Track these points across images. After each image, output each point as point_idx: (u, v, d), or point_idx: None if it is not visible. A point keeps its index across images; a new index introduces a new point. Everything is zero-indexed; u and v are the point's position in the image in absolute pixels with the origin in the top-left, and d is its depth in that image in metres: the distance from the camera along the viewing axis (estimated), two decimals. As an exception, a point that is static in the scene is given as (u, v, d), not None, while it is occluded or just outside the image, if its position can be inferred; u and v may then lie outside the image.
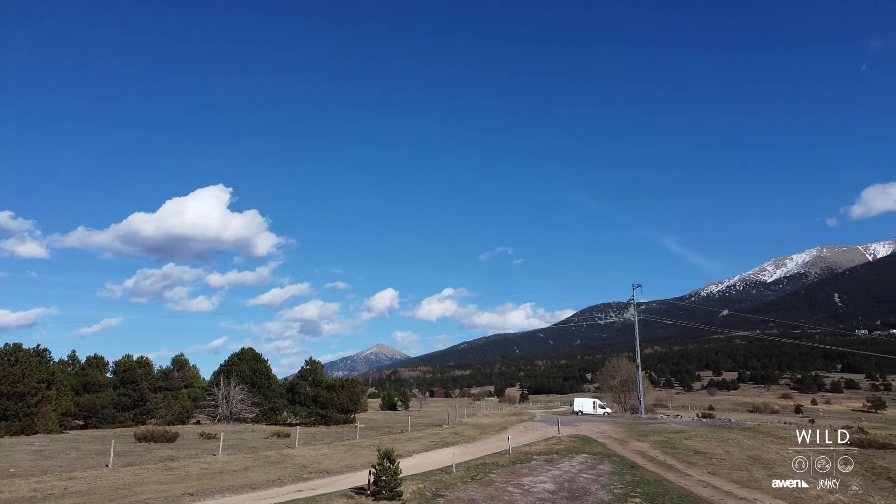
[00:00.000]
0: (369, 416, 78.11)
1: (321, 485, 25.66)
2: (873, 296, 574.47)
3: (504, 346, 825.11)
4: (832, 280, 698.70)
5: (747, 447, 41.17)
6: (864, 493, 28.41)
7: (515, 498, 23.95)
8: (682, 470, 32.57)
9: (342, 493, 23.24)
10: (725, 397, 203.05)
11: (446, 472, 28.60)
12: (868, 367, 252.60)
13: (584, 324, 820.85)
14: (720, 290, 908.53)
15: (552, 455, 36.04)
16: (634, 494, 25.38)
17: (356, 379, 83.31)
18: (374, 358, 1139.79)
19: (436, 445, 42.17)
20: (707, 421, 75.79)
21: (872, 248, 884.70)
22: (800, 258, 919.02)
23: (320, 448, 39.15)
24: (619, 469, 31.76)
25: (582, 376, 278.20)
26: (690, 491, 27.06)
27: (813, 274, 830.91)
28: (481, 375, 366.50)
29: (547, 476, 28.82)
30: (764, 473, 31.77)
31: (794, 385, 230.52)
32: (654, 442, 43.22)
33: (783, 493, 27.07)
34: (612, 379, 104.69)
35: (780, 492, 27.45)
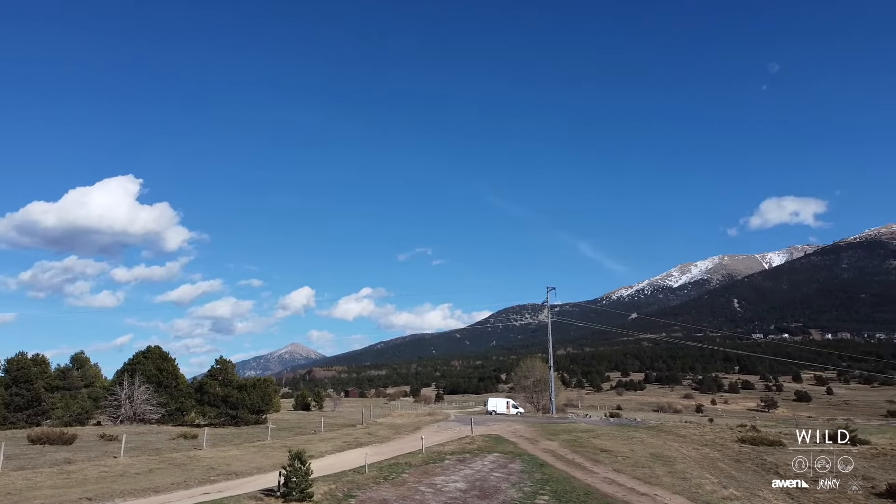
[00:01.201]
0: (281, 417, 76.58)
1: (229, 487, 25.01)
2: (768, 302, 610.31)
3: (421, 346, 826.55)
4: (732, 286, 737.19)
5: (650, 445, 42.90)
6: (753, 487, 30.21)
7: (427, 497, 24.09)
8: (588, 468, 33.62)
9: (251, 495, 22.74)
10: (633, 397, 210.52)
11: (359, 472, 28.45)
12: (762, 369, 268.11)
13: (500, 325, 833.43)
14: (630, 293, 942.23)
15: (465, 454, 36.44)
16: (543, 492, 26.01)
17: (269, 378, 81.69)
18: (289, 357, 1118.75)
19: (349, 446, 41.87)
20: (614, 420, 78.45)
21: (768, 257, 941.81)
22: (703, 265, 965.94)
23: (229, 449, 38.13)
24: (529, 468, 32.46)
25: (497, 377, 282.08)
26: (596, 488, 27.99)
27: (715, 280, 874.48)
28: (397, 375, 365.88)
29: (459, 475, 29.12)
30: (664, 470, 33.23)
31: (695, 385, 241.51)
32: (563, 441, 44.39)
33: (682, 489, 28.40)
34: (525, 379, 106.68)
35: (679, 487, 28.79)
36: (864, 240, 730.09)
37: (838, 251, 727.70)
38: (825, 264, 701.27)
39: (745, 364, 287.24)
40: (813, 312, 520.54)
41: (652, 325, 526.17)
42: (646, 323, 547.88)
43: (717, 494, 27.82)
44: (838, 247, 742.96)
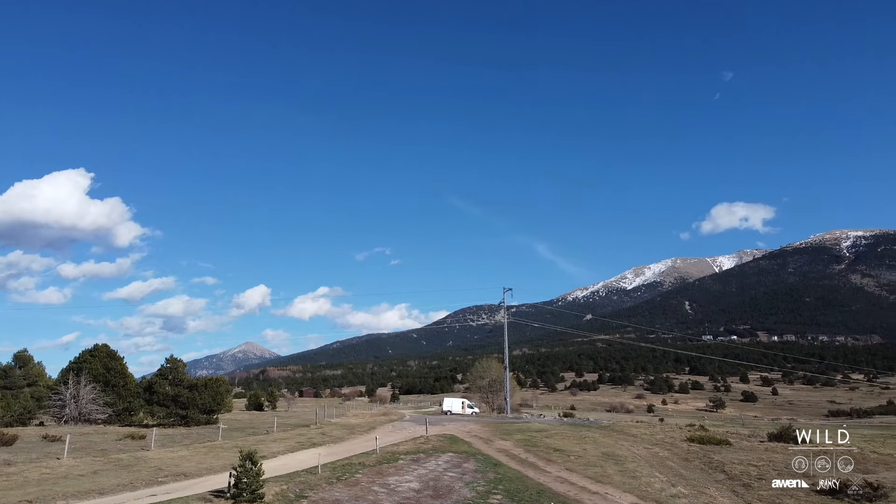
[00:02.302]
0: (234, 417, 75.37)
1: (178, 488, 24.52)
2: (718, 304, 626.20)
3: (377, 346, 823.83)
4: (684, 289, 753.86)
5: (602, 445, 43.54)
6: (700, 485, 30.93)
7: (380, 497, 24.01)
8: (541, 467, 33.95)
9: (200, 496, 22.34)
10: (586, 397, 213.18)
11: (311, 472, 28.19)
12: (712, 370, 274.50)
13: (457, 325, 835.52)
14: (585, 295, 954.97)
15: (419, 454, 36.42)
16: (496, 491, 26.17)
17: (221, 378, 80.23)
18: (242, 356, 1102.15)
19: (302, 446, 41.47)
20: (567, 420, 79.38)
21: (719, 260, 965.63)
22: (656, 268, 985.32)
23: (178, 450, 37.36)
24: (482, 467, 32.62)
25: (453, 377, 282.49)
26: (548, 487, 28.29)
27: (667, 283, 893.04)
28: (353, 375, 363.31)
29: (413, 475, 29.10)
30: (616, 469, 33.76)
31: (647, 386, 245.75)
32: (517, 440, 44.73)
33: (632, 488, 28.90)
34: (481, 379, 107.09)
35: (629, 485, 29.29)
36: (809, 245, 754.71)
37: (785, 256, 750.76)
38: (773, 268, 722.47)
39: (695, 365, 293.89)
40: (760, 315, 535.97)
41: (606, 326, 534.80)
42: (600, 324, 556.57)
43: (665, 492, 28.39)
44: (785, 252, 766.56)
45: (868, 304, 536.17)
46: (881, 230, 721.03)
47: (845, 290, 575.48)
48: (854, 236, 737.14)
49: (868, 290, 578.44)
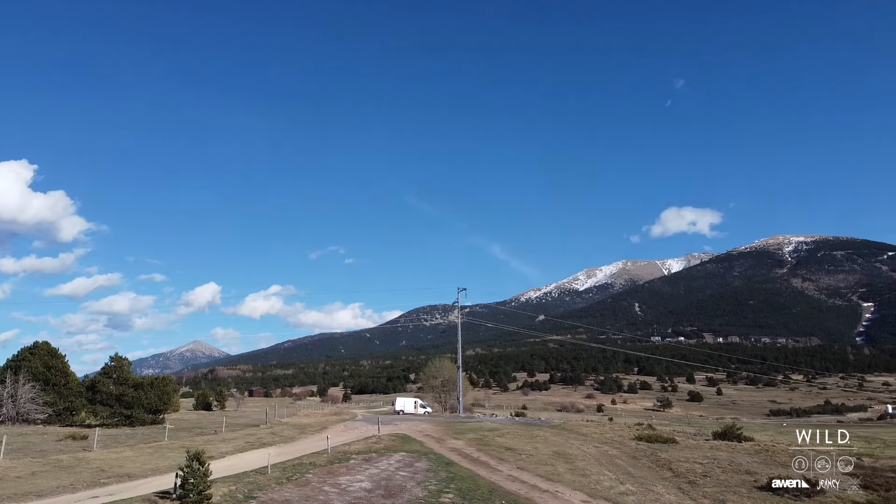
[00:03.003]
0: (181, 417, 73.73)
1: (121, 490, 23.83)
2: (667, 306, 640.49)
3: (330, 345, 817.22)
4: (634, 291, 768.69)
5: (553, 444, 44.02)
6: (648, 483, 31.54)
7: (331, 497, 23.78)
8: (493, 466, 34.12)
9: (144, 497, 21.77)
10: (538, 397, 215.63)
11: (261, 472, 27.76)
12: (660, 371, 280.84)
13: (411, 325, 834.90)
14: (538, 296, 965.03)
15: (371, 454, 36.22)
16: (448, 490, 26.20)
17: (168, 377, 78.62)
18: (190, 355, 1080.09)
19: (251, 446, 40.79)
20: (519, 419, 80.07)
21: (668, 263, 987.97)
22: (608, 269, 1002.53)
23: (122, 451, 36.31)
24: (434, 466, 32.61)
25: (406, 376, 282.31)
26: (500, 485, 28.45)
27: (618, 285, 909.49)
28: (304, 375, 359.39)
29: (364, 475, 28.92)
30: (566, 468, 34.17)
31: (597, 386, 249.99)
32: (469, 439, 44.89)
33: (582, 486, 29.28)
34: (434, 379, 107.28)
35: (579, 483, 29.68)
36: (753, 250, 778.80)
37: (731, 260, 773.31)
38: (719, 272, 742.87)
39: (644, 365, 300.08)
40: (707, 317, 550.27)
41: (558, 326, 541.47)
42: (552, 325, 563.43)
43: (614, 490, 28.85)
44: (731, 256, 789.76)
45: (808, 307, 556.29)
46: (821, 236, 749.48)
47: (787, 293, 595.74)
48: (796, 242, 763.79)
49: (808, 294, 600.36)
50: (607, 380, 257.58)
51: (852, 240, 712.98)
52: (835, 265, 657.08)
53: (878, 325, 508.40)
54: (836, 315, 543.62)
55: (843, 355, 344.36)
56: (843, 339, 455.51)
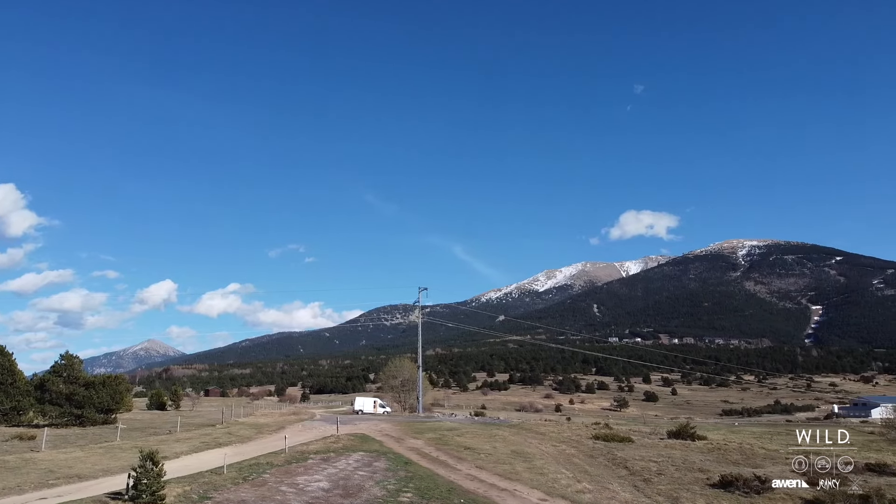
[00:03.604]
0: (134, 417, 72.04)
1: (70, 491, 23.20)
2: (624, 308, 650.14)
3: (288, 344, 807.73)
4: (592, 292, 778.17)
5: (512, 443, 44.32)
6: (604, 481, 31.99)
7: (289, 497, 23.55)
8: (452, 465, 34.20)
9: (95, 499, 21.24)
10: (497, 397, 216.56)
11: (216, 473, 27.31)
12: (617, 371, 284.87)
13: (371, 324, 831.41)
14: (498, 296, 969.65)
15: (329, 454, 35.97)
16: (407, 489, 26.17)
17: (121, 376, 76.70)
18: (144, 354, 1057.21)
19: (207, 446, 40.11)
20: (478, 419, 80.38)
21: (626, 265, 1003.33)
22: (567, 271, 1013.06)
23: (72, 451, 35.36)
24: (394, 465, 32.54)
25: (365, 376, 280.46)
26: (459, 484, 28.54)
27: (577, 286, 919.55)
28: (262, 374, 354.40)
29: (323, 475, 28.69)
30: (524, 466, 34.44)
31: (556, 386, 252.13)
32: (428, 439, 44.91)
33: (540, 484, 29.55)
34: (394, 379, 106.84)
35: (537, 482, 29.95)
36: (709, 253, 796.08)
37: (687, 263, 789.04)
38: (675, 274, 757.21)
39: (602, 366, 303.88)
40: (663, 319, 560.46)
41: (518, 327, 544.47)
42: (512, 325, 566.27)
43: (571, 488, 29.20)
44: (687, 259, 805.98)
45: (760, 309, 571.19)
46: (773, 240, 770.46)
47: (740, 296, 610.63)
48: (749, 245, 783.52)
49: (760, 297, 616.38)
50: (566, 380, 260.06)
51: (803, 245, 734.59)
52: (786, 269, 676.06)
53: (825, 328, 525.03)
54: (786, 317, 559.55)
55: (793, 357, 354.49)
56: (792, 340, 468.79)
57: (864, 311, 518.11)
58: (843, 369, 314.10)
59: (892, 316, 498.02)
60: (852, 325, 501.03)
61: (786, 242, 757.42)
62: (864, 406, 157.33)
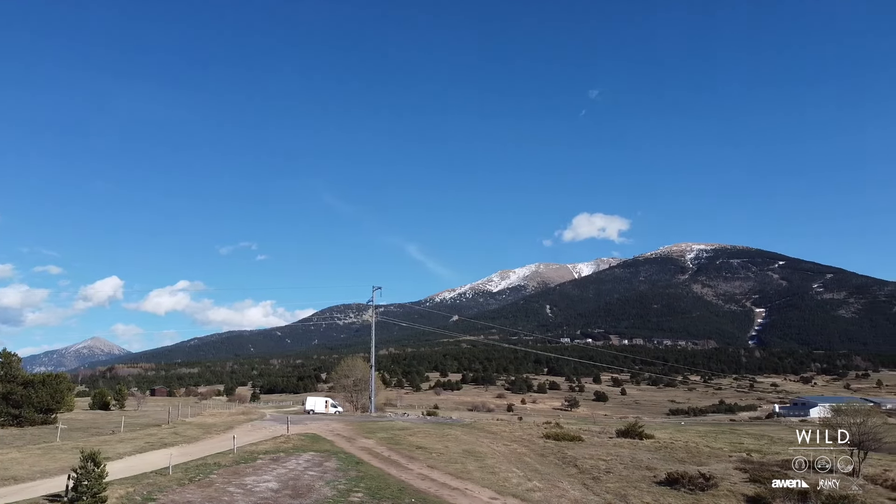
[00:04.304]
0: (75, 417, 69.75)
1: (5, 494, 22.32)
2: (576, 309, 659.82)
3: (239, 343, 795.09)
4: (545, 293, 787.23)
5: (464, 442, 44.44)
6: (554, 479, 32.33)
7: (236, 498, 23.14)
8: (404, 464, 34.10)
9: (32, 501, 20.50)
10: (450, 397, 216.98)
11: (161, 474, 26.64)
12: (568, 371, 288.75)
13: (324, 323, 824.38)
14: (453, 297, 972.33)
15: (279, 454, 35.47)
16: (357, 489, 25.98)
17: (62, 374, 74.15)
18: (88, 353, 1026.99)
19: (152, 447, 39.10)
20: (431, 418, 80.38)
21: (578, 267, 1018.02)
22: (521, 272, 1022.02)
23: (8, 452, 34.04)
24: (344, 465, 32.27)
25: (317, 376, 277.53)
26: (410, 483, 28.47)
27: (531, 287, 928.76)
28: (211, 374, 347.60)
29: (272, 475, 28.27)
30: (476, 465, 34.56)
31: (508, 386, 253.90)
32: (380, 438, 44.69)
33: (491, 483, 29.69)
34: (346, 378, 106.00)
35: (488, 481, 30.08)
36: (658, 256, 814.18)
37: (637, 265, 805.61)
38: (626, 277, 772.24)
39: (554, 366, 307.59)
40: (614, 320, 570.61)
41: (472, 327, 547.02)
42: (466, 325, 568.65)
43: (522, 486, 29.43)
44: (637, 261, 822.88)
45: (706, 311, 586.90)
46: (720, 245, 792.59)
47: (688, 298, 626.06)
48: (697, 249, 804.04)
49: (707, 299, 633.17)
50: (518, 380, 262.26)
51: (748, 249, 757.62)
52: (731, 272, 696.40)
53: (768, 330, 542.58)
54: (731, 320, 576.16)
55: (737, 358, 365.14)
56: (737, 342, 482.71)
57: (804, 314, 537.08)
58: (784, 370, 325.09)
59: (831, 319, 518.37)
60: (793, 328, 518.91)
61: (732, 247, 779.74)
62: (803, 406, 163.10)
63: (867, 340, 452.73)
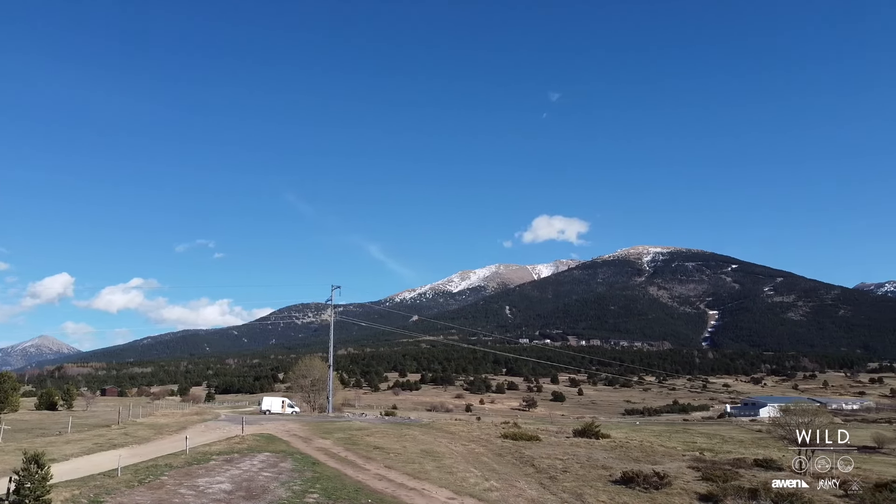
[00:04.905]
0: (20, 417, 67.48)
1: (-59, 497, 21.35)
2: (535, 309, 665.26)
3: (194, 343, 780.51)
4: (505, 294, 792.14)
5: (422, 442, 44.30)
6: (511, 479, 32.42)
7: (187, 500, 22.60)
8: (360, 465, 33.80)
9: (-31, 505, 19.62)
10: (409, 397, 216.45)
11: (110, 475, 25.86)
12: (526, 371, 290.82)
13: (282, 323, 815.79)
14: (413, 297, 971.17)
15: (233, 454, 34.83)
16: (313, 490, 25.64)
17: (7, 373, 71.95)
18: (35, 351, 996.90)
19: (101, 448, 37.98)
20: (389, 419, 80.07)
21: (538, 268, 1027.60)
22: (481, 273, 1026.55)
23: (-53, 454, 32.69)
24: (300, 466, 31.84)
25: (275, 376, 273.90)
26: (367, 484, 28.22)
27: (490, 288, 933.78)
28: (165, 373, 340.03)
29: (225, 476, 27.70)
30: (433, 465, 34.45)
31: (467, 386, 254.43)
32: (337, 439, 44.27)
33: (449, 483, 29.61)
34: (304, 378, 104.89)
35: (445, 481, 29.99)
36: (616, 259, 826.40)
37: (595, 267, 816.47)
38: (584, 278, 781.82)
39: (512, 366, 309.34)
40: (572, 321, 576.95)
41: (431, 327, 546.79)
42: (426, 325, 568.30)
43: (479, 486, 29.43)
44: (596, 263, 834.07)
45: (662, 313, 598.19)
46: (675, 248, 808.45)
47: (644, 300, 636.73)
48: (653, 252, 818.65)
49: (662, 301, 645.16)
50: (477, 380, 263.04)
51: (702, 252, 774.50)
52: (686, 275, 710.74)
53: (721, 332, 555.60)
54: (685, 321, 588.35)
55: (691, 359, 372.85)
56: (691, 343, 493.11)
57: (755, 317, 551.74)
58: (736, 371, 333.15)
59: (780, 321, 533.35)
60: (744, 330, 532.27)
61: (687, 250, 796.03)
62: (753, 406, 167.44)
63: (814, 342, 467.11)
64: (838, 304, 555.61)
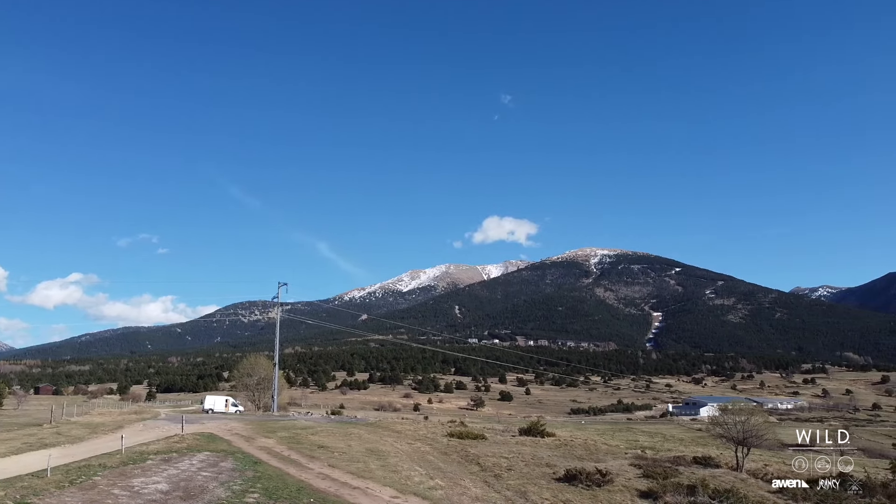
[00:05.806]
0: (-55, 417, 64.48)
1: None
2: (484, 310, 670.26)
3: (134, 340, 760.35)
4: (455, 294, 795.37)
5: (367, 441, 43.97)
6: (457, 477, 32.42)
7: (121, 501, 21.81)
8: (304, 464, 33.29)
9: None
10: (356, 396, 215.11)
11: (38, 476, 24.78)
12: (475, 371, 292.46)
13: (227, 320, 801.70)
14: (362, 295, 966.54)
15: (171, 454, 33.85)
16: (254, 490, 25.10)
17: (-69, 371, 68.41)
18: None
19: (30, 447, 36.42)
20: (335, 418, 79.38)
21: (488, 269, 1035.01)
22: (431, 272, 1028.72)
23: None
24: (241, 465, 31.15)
25: (219, 374, 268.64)
26: (309, 483, 27.79)
27: (440, 287, 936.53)
28: (103, 371, 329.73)
29: (162, 476, 26.88)
30: (378, 464, 34.20)
31: (415, 385, 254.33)
32: (280, 438, 43.59)
33: (393, 482, 29.41)
34: (249, 377, 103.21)
35: (390, 479, 29.78)
36: (564, 260, 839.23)
37: (544, 269, 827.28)
38: (533, 279, 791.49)
39: (461, 366, 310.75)
40: (520, 321, 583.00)
41: (381, 326, 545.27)
42: (375, 324, 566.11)
43: (423, 485, 29.31)
44: (545, 265, 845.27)
45: (608, 314, 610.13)
46: (622, 250, 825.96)
47: (591, 301, 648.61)
48: (601, 254, 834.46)
49: (609, 303, 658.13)
50: (425, 379, 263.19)
51: (647, 255, 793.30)
52: (632, 278, 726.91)
53: (664, 333, 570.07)
54: (630, 323, 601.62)
55: (635, 359, 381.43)
56: (635, 344, 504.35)
57: (696, 319, 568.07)
58: (678, 371, 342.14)
59: (720, 323, 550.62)
60: (686, 331, 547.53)
61: (633, 252, 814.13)
62: (694, 405, 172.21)
63: (752, 344, 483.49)
64: (775, 307, 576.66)
